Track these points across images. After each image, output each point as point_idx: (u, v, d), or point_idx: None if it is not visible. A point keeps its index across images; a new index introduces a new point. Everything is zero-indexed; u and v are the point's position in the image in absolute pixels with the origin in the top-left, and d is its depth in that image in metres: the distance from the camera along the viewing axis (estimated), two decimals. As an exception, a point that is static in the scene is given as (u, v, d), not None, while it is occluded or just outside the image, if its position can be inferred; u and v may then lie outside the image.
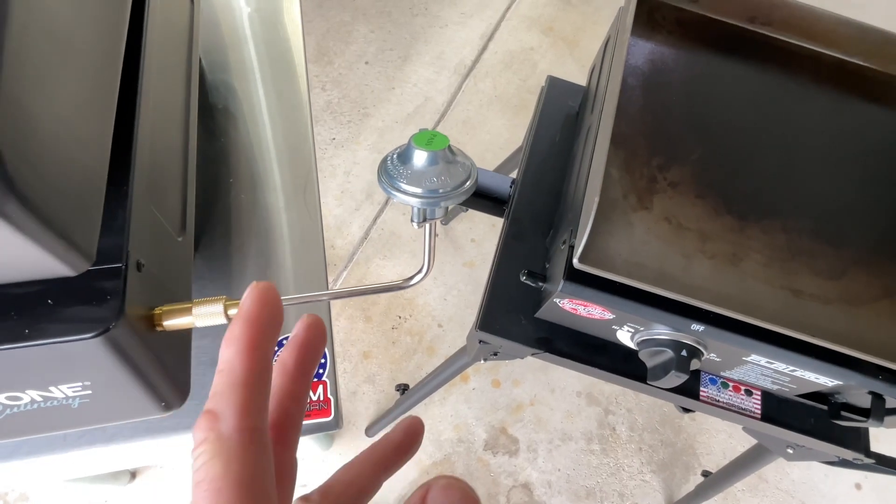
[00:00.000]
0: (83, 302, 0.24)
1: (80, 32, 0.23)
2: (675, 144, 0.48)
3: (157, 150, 0.31)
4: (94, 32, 0.24)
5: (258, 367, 0.16)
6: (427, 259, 0.28)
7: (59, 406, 0.26)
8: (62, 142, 0.20)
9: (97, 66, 0.24)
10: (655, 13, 0.55)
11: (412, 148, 0.24)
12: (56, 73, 0.20)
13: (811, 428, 0.54)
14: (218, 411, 0.15)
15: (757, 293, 0.43)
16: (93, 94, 0.24)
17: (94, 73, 0.24)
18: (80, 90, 0.22)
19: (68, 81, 0.21)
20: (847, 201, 0.48)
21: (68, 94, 0.21)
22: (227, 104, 0.48)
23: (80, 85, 0.22)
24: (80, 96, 0.23)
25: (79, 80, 0.22)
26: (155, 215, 0.29)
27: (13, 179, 0.17)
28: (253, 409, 0.15)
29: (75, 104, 0.22)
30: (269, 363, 0.16)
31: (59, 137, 0.20)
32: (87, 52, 0.23)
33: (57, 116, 0.20)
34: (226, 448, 0.15)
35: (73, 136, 0.21)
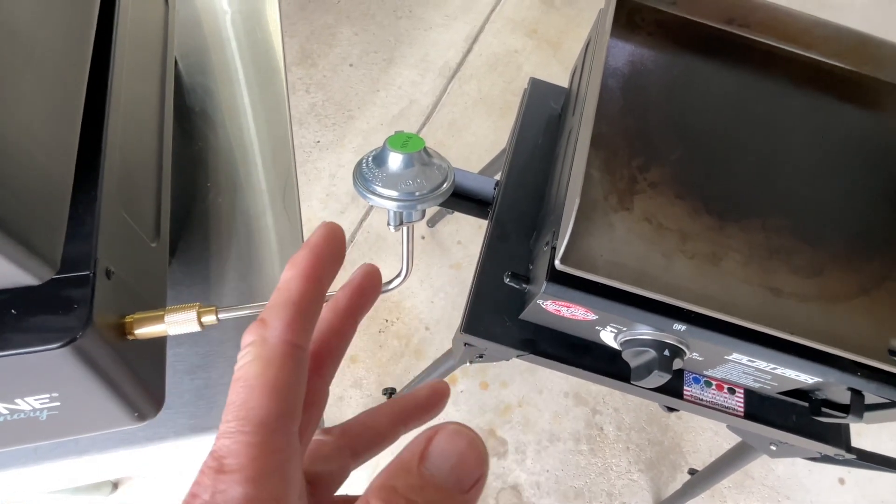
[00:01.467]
0: (49, 311, 0.23)
1: (41, 33, 0.22)
2: (654, 145, 0.49)
3: (128, 154, 0.30)
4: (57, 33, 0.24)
5: (311, 292, 0.17)
6: (405, 262, 0.28)
7: (27, 419, 0.26)
8: (22, 146, 0.20)
9: (61, 68, 0.24)
10: (635, 15, 0.56)
11: (387, 150, 0.24)
12: (14, 76, 0.20)
13: (793, 425, 0.54)
14: (268, 321, 0.16)
15: (737, 292, 0.43)
16: (56, 97, 0.23)
17: (58, 76, 0.23)
18: (41, 93, 0.22)
19: (28, 84, 0.20)
20: (823, 199, 0.49)
21: (28, 97, 0.20)
22: (204, 107, 0.48)
23: (42, 87, 0.22)
24: (42, 99, 0.22)
25: (40, 82, 0.22)
26: (126, 221, 0.28)
27: (-32, 186, 0.17)
28: (298, 328, 0.17)
29: (36, 107, 0.21)
30: (321, 293, 0.18)
31: (18, 142, 0.20)
32: (49, 53, 0.23)
33: (16, 120, 0.20)
34: (267, 353, 0.16)
35: (34, 141, 0.21)
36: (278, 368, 0.16)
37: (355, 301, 0.21)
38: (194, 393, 0.36)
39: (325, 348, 0.20)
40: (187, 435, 0.35)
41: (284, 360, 0.16)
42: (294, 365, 0.16)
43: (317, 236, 0.18)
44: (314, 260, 0.17)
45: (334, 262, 0.18)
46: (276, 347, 0.16)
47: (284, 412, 0.15)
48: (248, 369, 0.16)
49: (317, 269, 0.17)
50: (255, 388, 0.15)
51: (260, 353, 0.16)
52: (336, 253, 0.18)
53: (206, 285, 0.41)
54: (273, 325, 0.16)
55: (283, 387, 0.16)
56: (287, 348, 0.16)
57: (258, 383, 0.15)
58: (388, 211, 0.25)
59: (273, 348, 0.16)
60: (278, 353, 0.16)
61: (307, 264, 0.17)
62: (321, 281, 0.17)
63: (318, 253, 0.18)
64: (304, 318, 0.17)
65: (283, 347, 0.16)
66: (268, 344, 0.16)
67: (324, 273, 0.18)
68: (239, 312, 0.28)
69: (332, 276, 0.18)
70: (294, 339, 0.16)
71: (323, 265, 0.18)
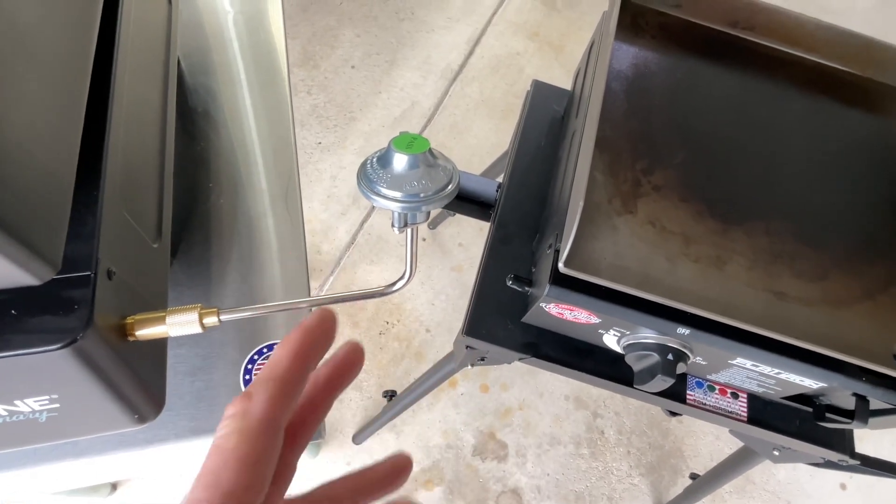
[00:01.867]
0: (49, 312, 0.23)
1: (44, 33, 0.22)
2: (658, 148, 0.48)
3: (130, 155, 0.30)
4: (60, 33, 0.24)
5: (297, 371, 0.19)
6: (409, 264, 0.28)
7: (26, 421, 0.25)
8: (23, 147, 0.20)
9: (64, 69, 0.24)
10: (639, 18, 0.55)
11: (392, 151, 0.24)
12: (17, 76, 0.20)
13: (797, 430, 0.54)
14: (253, 395, 0.18)
15: (741, 296, 0.43)
16: (59, 97, 0.23)
17: (61, 76, 0.23)
18: (43, 93, 0.22)
19: (31, 84, 0.20)
20: (827, 203, 0.48)
21: (30, 98, 0.20)
22: (207, 108, 0.47)
23: (44, 88, 0.22)
24: (44, 99, 0.22)
25: (43, 82, 0.22)
26: (128, 221, 0.28)
27: (-31, 185, 0.16)
28: (279, 404, 0.18)
29: (38, 107, 0.21)
30: (307, 372, 0.19)
31: (20, 142, 0.19)
32: (52, 53, 0.23)
33: (17, 120, 0.19)
34: (246, 427, 0.17)
35: (36, 141, 0.20)
36: (253, 443, 0.17)
37: (336, 377, 0.21)
38: (195, 395, 0.36)
39: (299, 421, 0.21)
40: (188, 437, 0.35)
41: (260, 435, 0.17)
42: (269, 440, 0.17)
43: (311, 320, 0.20)
44: (305, 341, 0.19)
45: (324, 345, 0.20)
46: (254, 422, 0.17)
47: (252, 485, 0.17)
48: (226, 441, 0.17)
49: (306, 349, 0.19)
50: (229, 460, 0.16)
51: (239, 426, 0.17)
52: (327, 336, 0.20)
53: (207, 286, 0.40)
54: (256, 399, 0.17)
55: (255, 461, 0.17)
56: (265, 424, 0.17)
57: (232, 456, 0.16)
58: (393, 212, 0.25)
59: (252, 423, 0.17)
60: (256, 429, 0.17)
61: (298, 345, 0.19)
62: (308, 361, 0.19)
63: (309, 335, 0.19)
64: (287, 394, 0.18)
65: (261, 423, 0.17)
66: (248, 418, 0.17)
67: (312, 354, 0.19)
68: (241, 314, 0.28)
69: (320, 357, 0.20)
70: (274, 414, 0.17)
71: (312, 347, 0.19)
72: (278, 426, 0.18)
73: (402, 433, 1.08)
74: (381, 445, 1.07)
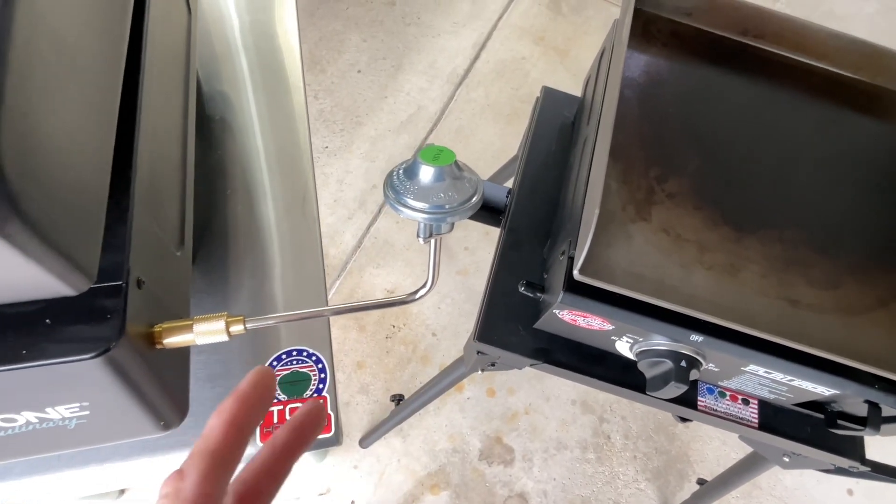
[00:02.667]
0: (83, 321, 0.23)
1: (83, 46, 0.23)
2: (671, 156, 0.49)
3: (156, 164, 0.30)
4: (96, 46, 0.24)
5: (232, 440, 0.18)
6: (432, 274, 0.28)
7: (55, 427, 0.26)
8: (66, 158, 0.20)
9: (100, 80, 0.24)
10: (650, 26, 0.56)
11: (419, 163, 0.24)
12: (60, 88, 0.20)
13: (808, 436, 0.54)
14: (185, 472, 0.18)
15: (755, 303, 0.43)
16: (95, 109, 0.23)
17: (97, 88, 0.24)
18: (83, 105, 0.22)
19: (72, 96, 0.21)
20: (841, 211, 0.49)
21: (72, 109, 0.21)
22: (224, 115, 0.48)
23: (84, 99, 0.22)
24: (84, 111, 0.22)
25: (82, 94, 0.22)
26: (155, 230, 0.29)
27: (17, 198, 0.17)
28: (213, 478, 0.18)
29: (79, 119, 0.22)
30: (244, 438, 0.19)
31: (62, 154, 0.20)
32: (90, 65, 0.23)
33: (60, 132, 0.20)
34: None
35: (76, 153, 0.21)
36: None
37: (293, 441, 0.21)
38: (216, 400, 0.36)
39: (256, 489, 0.20)
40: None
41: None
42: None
43: (245, 384, 0.19)
44: (239, 409, 0.19)
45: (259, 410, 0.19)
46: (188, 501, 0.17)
47: None
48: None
49: (241, 418, 0.19)
50: None
51: None
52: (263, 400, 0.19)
53: (225, 292, 0.41)
54: (189, 477, 0.17)
55: None
56: (199, 500, 0.17)
57: None
58: (419, 223, 0.25)
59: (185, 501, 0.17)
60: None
61: (232, 414, 0.19)
62: (244, 429, 0.19)
63: (244, 401, 0.19)
64: (222, 467, 0.18)
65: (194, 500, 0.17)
66: (181, 497, 0.17)
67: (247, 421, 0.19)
68: (266, 322, 0.28)
69: (258, 421, 0.19)
70: (208, 490, 0.17)
71: (247, 413, 0.19)
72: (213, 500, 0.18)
73: (408, 437, 1.09)
74: (387, 449, 1.07)
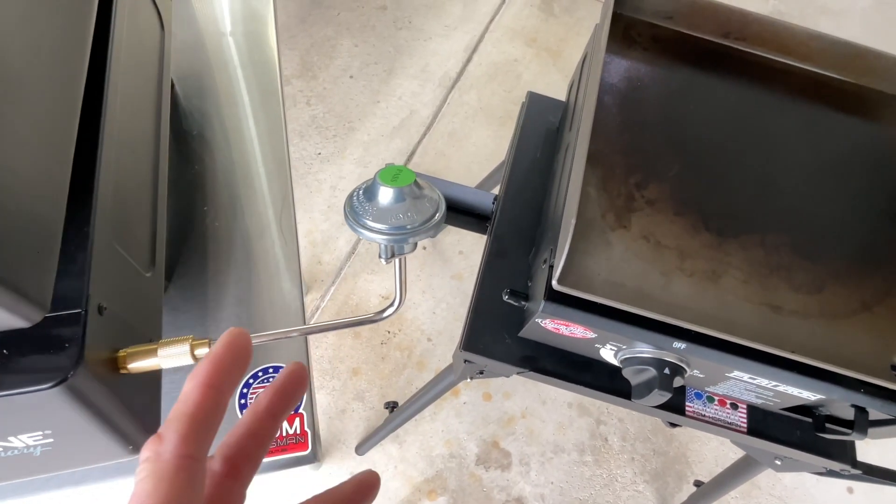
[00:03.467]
0: (40, 350, 0.23)
1: (33, 76, 0.22)
2: (652, 162, 0.48)
3: (122, 185, 0.30)
4: (50, 68, 0.24)
5: (209, 403, 0.18)
6: (399, 292, 0.28)
7: (20, 455, 0.26)
8: (12, 190, 0.20)
9: (53, 106, 0.24)
10: (631, 30, 0.56)
11: (377, 184, 0.24)
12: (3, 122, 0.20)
13: (797, 440, 0.53)
14: (163, 435, 0.17)
15: (737, 310, 0.43)
16: (48, 135, 0.23)
17: (50, 113, 0.24)
18: (32, 136, 0.22)
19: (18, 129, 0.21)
20: (824, 214, 0.48)
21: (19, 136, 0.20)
22: (202, 130, 0.48)
23: (34, 131, 0.22)
24: (34, 139, 0.22)
25: (31, 126, 0.22)
26: (119, 253, 0.28)
27: (-45, 236, 0.17)
28: (193, 440, 0.17)
29: (28, 148, 0.21)
30: (222, 401, 0.19)
31: (8, 185, 0.20)
32: (41, 95, 0.23)
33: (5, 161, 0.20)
34: (159, 469, 0.17)
35: (25, 183, 0.21)
36: (169, 484, 0.17)
37: (276, 403, 0.21)
38: (191, 420, 0.36)
39: (242, 452, 0.20)
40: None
41: (176, 474, 0.17)
42: (187, 476, 0.17)
43: (219, 346, 0.19)
44: (213, 371, 0.18)
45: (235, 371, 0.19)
46: (168, 463, 0.17)
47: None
48: (142, 486, 0.16)
49: (216, 379, 0.18)
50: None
51: (152, 469, 0.17)
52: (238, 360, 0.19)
53: (203, 309, 0.41)
54: (168, 439, 0.17)
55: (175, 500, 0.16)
56: (180, 462, 0.17)
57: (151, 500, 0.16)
58: (380, 244, 0.25)
59: (166, 464, 0.17)
60: (170, 468, 0.17)
61: (205, 376, 0.18)
62: (221, 391, 0.18)
63: (218, 363, 0.18)
64: (201, 429, 0.18)
65: (175, 462, 0.17)
66: (161, 460, 0.17)
67: (223, 382, 0.18)
68: (232, 345, 0.28)
69: (236, 382, 0.19)
70: (188, 451, 0.17)
71: (222, 375, 0.18)
72: (195, 463, 0.17)
73: (404, 443, 1.08)
74: (384, 456, 1.07)
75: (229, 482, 0.20)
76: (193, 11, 0.56)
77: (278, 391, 0.21)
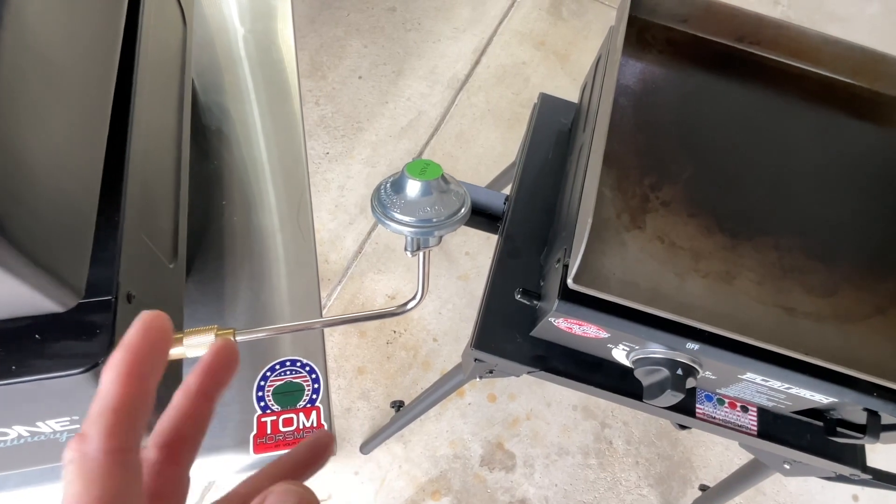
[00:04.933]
0: (72, 337, 0.23)
1: (71, 64, 0.23)
2: (666, 163, 0.49)
3: (148, 177, 0.30)
4: (86, 63, 0.24)
5: (131, 392, 0.17)
6: (421, 286, 0.28)
7: (47, 441, 0.26)
8: (52, 178, 0.20)
9: (88, 98, 0.24)
10: (645, 33, 0.56)
11: (405, 177, 0.24)
12: (46, 111, 0.20)
13: (807, 444, 0.53)
14: (87, 433, 0.16)
15: (751, 311, 0.43)
16: (84, 127, 0.24)
17: (86, 105, 0.24)
18: (71, 123, 0.22)
19: (58, 118, 0.21)
20: (837, 218, 0.48)
21: (58, 131, 0.21)
22: (220, 126, 0.48)
23: (72, 118, 0.22)
24: (72, 129, 0.22)
25: (70, 113, 0.22)
26: (146, 244, 0.29)
27: (2, 219, 0.17)
28: (119, 433, 0.16)
29: (66, 138, 0.22)
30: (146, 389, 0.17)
31: (49, 173, 0.20)
32: (78, 83, 0.23)
33: (47, 152, 0.20)
34: (87, 469, 0.16)
35: (63, 171, 0.21)
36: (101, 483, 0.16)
37: (207, 382, 0.20)
38: (209, 412, 0.36)
39: (176, 436, 0.19)
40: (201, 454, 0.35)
41: (108, 471, 0.16)
42: (121, 472, 0.16)
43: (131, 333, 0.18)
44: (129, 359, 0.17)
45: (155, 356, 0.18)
46: (96, 461, 0.16)
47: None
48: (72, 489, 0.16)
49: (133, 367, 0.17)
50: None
51: (80, 469, 0.16)
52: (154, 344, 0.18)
53: (220, 303, 0.41)
54: (91, 436, 0.16)
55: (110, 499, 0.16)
56: (109, 457, 0.16)
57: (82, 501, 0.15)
58: (406, 237, 0.25)
59: (93, 462, 0.16)
60: (99, 466, 0.16)
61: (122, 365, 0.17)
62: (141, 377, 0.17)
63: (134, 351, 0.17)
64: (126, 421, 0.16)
65: (104, 458, 0.16)
66: (87, 458, 0.16)
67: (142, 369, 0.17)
68: (257, 335, 0.28)
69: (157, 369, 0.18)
70: (117, 444, 0.16)
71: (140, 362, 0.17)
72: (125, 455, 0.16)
73: (409, 443, 1.09)
74: (388, 455, 1.07)
75: (170, 469, 0.19)
76: (213, 8, 0.56)
77: (206, 370, 0.20)
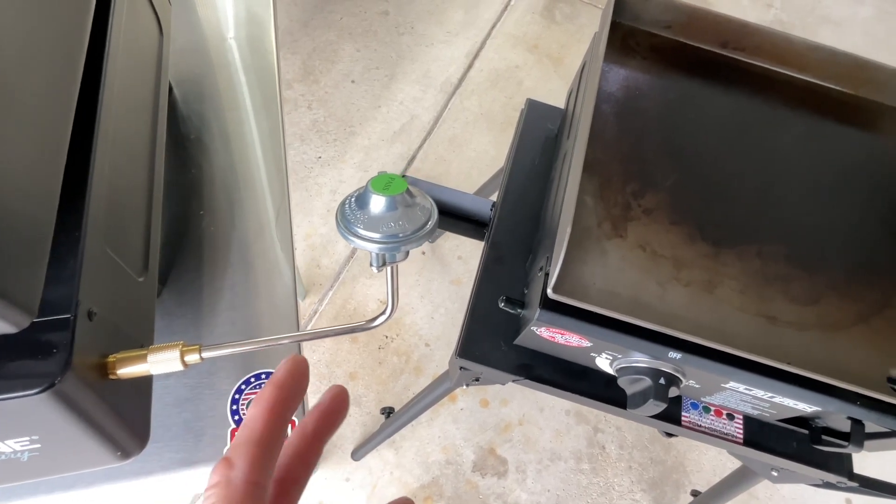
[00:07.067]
0: (28, 356, 0.23)
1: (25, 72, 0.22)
2: (649, 171, 0.48)
3: (116, 190, 0.30)
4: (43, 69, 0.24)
5: (274, 427, 0.18)
6: (391, 301, 0.28)
7: (8, 460, 0.25)
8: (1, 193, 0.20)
9: (46, 109, 0.24)
10: (629, 39, 0.56)
11: (369, 193, 0.24)
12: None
13: (794, 452, 0.53)
14: (233, 461, 0.18)
15: (733, 320, 0.43)
16: (40, 139, 0.23)
17: (43, 117, 0.24)
18: (24, 135, 0.22)
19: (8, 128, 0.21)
20: (821, 226, 0.48)
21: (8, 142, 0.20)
22: (199, 134, 0.48)
23: (24, 130, 0.22)
24: (25, 141, 0.22)
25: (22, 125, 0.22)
26: (111, 258, 0.28)
27: (-60, 242, 0.17)
28: (260, 466, 0.18)
29: (18, 152, 0.21)
30: (284, 425, 0.19)
31: (-4, 192, 0.20)
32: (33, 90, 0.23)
33: (-5, 170, 0.20)
34: (230, 495, 0.17)
35: (13, 188, 0.21)
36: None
37: (322, 425, 0.21)
38: (182, 426, 0.36)
39: (288, 474, 0.20)
40: (175, 469, 0.35)
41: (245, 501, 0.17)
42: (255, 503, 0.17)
43: (282, 372, 0.19)
44: (278, 396, 0.19)
45: (297, 396, 0.20)
46: (238, 489, 0.17)
47: None
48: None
49: (280, 405, 0.19)
50: None
51: (224, 494, 0.17)
52: (299, 387, 0.20)
53: (197, 314, 0.40)
54: (238, 465, 0.17)
55: None
56: (249, 489, 0.17)
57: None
58: (371, 253, 0.25)
59: (236, 490, 0.17)
60: (240, 495, 0.17)
61: (271, 401, 0.19)
62: (284, 416, 0.19)
63: (281, 389, 0.19)
64: (267, 455, 0.18)
65: (245, 488, 0.17)
66: (231, 486, 0.17)
67: (285, 407, 0.19)
68: (223, 351, 0.28)
69: (295, 409, 0.20)
70: (256, 478, 0.17)
71: (286, 400, 0.19)
72: (262, 489, 0.18)
73: (401, 448, 1.08)
74: (380, 461, 1.07)
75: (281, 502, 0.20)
76: (194, 15, 0.56)
77: (324, 413, 0.22)
